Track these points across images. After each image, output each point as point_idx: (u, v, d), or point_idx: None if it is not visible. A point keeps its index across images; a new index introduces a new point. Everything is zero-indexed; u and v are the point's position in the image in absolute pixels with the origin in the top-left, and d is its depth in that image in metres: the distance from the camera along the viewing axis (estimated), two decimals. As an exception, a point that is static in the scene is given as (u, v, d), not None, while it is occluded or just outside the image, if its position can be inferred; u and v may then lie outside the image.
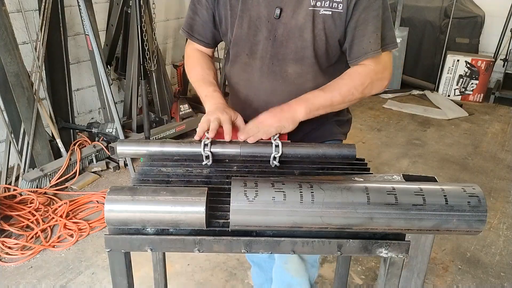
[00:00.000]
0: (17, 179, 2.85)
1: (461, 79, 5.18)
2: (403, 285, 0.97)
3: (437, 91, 5.34)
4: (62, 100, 3.16)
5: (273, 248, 0.91)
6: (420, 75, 5.51)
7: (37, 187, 2.82)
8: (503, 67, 5.06)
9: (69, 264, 2.28)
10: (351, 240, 0.90)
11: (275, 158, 1.10)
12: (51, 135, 3.06)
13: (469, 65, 5.10)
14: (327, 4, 1.18)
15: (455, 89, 5.25)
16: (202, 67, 1.37)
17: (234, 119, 1.18)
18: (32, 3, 3.02)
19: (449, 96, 5.27)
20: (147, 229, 0.90)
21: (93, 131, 3.27)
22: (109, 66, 3.63)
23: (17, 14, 2.93)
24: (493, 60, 5.07)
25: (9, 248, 2.33)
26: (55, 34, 2.96)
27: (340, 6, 1.17)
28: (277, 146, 1.10)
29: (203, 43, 1.40)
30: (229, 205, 0.84)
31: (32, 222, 2.51)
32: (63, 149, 3.04)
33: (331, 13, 1.18)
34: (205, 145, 1.09)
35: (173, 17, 4.34)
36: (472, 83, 5.16)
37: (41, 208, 2.64)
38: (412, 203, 0.84)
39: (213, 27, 1.35)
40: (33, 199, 2.67)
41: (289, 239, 0.90)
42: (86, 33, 3.07)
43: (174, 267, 2.27)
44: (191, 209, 0.84)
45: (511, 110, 4.97)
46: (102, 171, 3.20)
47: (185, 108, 3.73)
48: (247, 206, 0.83)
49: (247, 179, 0.88)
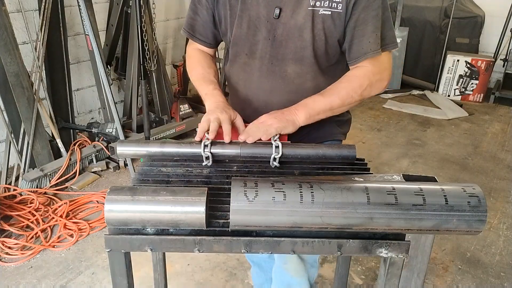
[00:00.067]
0: (17, 179, 2.85)
1: (461, 79, 5.18)
2: (403, 285, 0.97)
3: (437, 91, 5.34)
4: (62, 100, 3.17)
5: (273, 248, 0.91)
6: (420, 75, 5.51)
7: (37, 187, 2.82)
8: (503, 67, 5.06)
9: (69, 264, 2.28)
10: (351, 240, 0.90)
11: (275, 159, 1.10)
12: (51, 135, 3.06)
13: (469, 65, 5.10)
14: (327, 4, 1.18)
15: (455, 89, 5.25)
16: (203, 66, 1.37)
17: (233, 118, 1.19)
18: (32, 3, 3.02)
19: (449, 96, 5.27)
20: (147, 229, 0.90)
21: (93, 131, 3.28)
22: (109, 66, 3.63)
23: (17, 14, 2.93)
24: (493, 60, 5.07)
25: (9, 248, 2.33)
26: (55, 34, 2.96)
27: (339, 6, 1.17)
28: (277, 147, 1.10)
29: (204, 43, 1.40)
30: (229, 205, 0.83)
31: (32, 222, 2.51)
32: (63, 149, 3.04)
33: (330, 13, 1.18)
34: (205, 146, 1.09)
35: (173, 17, 4.34)
36: (472, 83, 5.16)
37: (41, 208, 2.64)
38: (412, 203, 0.84)
39: (214, 27, 1.36)
40: (33, 199, 2.67)
41: (289, 239, 0.90)
42: (86, 33, 3.07)
43: (174, 267, 2.27)
44: (191, 209, 0.84)
45: (511, 110, 4.97)
46: (102, 171, 3.21)
47: (185, 108, 3.73)
48: (247, 206, 0.83)
49: (247, 179, 0.88)
